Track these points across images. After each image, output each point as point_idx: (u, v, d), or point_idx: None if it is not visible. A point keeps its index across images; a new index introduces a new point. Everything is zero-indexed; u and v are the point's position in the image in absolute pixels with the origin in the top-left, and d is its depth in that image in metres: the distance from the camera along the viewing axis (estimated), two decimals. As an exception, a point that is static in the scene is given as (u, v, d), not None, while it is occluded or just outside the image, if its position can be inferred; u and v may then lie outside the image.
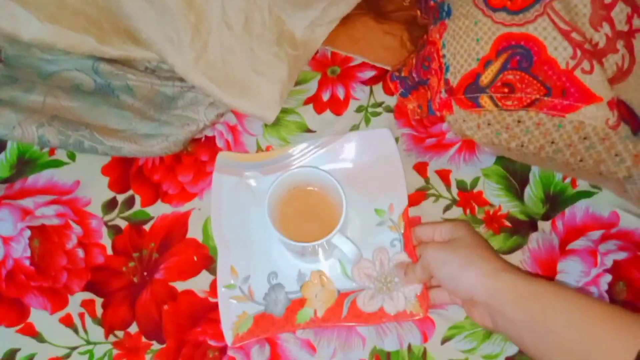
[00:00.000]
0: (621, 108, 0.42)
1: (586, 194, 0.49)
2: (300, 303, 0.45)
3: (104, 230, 0.50)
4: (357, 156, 0.51)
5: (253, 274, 0.47)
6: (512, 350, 0.44)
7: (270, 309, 0.46)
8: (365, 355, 0.45)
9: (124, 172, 0.53)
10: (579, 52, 0.42)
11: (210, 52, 0.54)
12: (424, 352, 0.44)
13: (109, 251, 0.49)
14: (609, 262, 0.46)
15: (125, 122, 0.53)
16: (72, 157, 0.53)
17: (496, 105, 0.45)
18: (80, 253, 0.49)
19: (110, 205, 0.51)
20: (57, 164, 0.53)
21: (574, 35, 0.42)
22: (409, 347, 0.45)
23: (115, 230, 0.50)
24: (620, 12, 0.40)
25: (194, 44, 0.54)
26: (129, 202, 0.51)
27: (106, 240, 0.50)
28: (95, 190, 0.52)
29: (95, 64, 0.55)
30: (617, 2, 0.40)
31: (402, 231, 0.47)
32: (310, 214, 0.47)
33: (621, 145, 0.42)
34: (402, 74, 0.54)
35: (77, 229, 0.50)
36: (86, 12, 0.55)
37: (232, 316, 0.45)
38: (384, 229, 0.48)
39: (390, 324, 0.45)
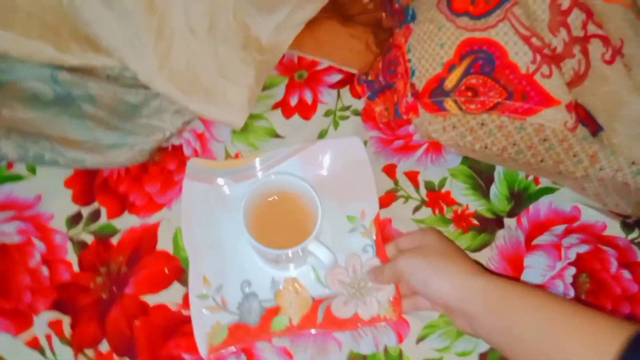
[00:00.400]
0: (579, 111, 0.43)
1: (549, 190, 0.51)
2: (275, 311, 0.45)
3: (69, 245, 0.49)
4: (328, 163, 0.51)
5: (226, 283, 0.47)
6: (484, 347, 0.45)
7: (244, 318, 0.45)
8: (342, 359, 0.45)
9: (88, 184, 0.51)
10: (538, 57, 0.43)
11: (175, 58, 0.53)
12: (400, 353, 0.45)
13: (75, 267, 0.48)
14: (572, 255, 0.48)
15: (87, 132, 0.51)
16: (32, 170, 0.51)
17: (460, 108, 0.46)
18: (45, 271, 0.48)
19: (74, 220, 0.50)
20: (17, 178, 0.51)
21: (533, 40, 0.43)
22: (385, 348, 0.45)
23: (80, 245, 0.49)
24: (576, 18, 0.41)
25: (157, 49, 0.52)
26: (95, 215, 0.50)
27: (72, 256, 0.48)
28: (58, 205, 0.50)
29: (54, 73, 0.52)
30: (573, 9, 0.41)
31: (374, 237, 0.48)
32: (284, 221, 0.47)
33: (579, 146, 0.44)
34: (369, 78, 0.55)
35: (40, 245, 0.48)
36: (41, 17, 0.53)
37: (206, 327, 0.45)
38: (356, 235, 0.48)
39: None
